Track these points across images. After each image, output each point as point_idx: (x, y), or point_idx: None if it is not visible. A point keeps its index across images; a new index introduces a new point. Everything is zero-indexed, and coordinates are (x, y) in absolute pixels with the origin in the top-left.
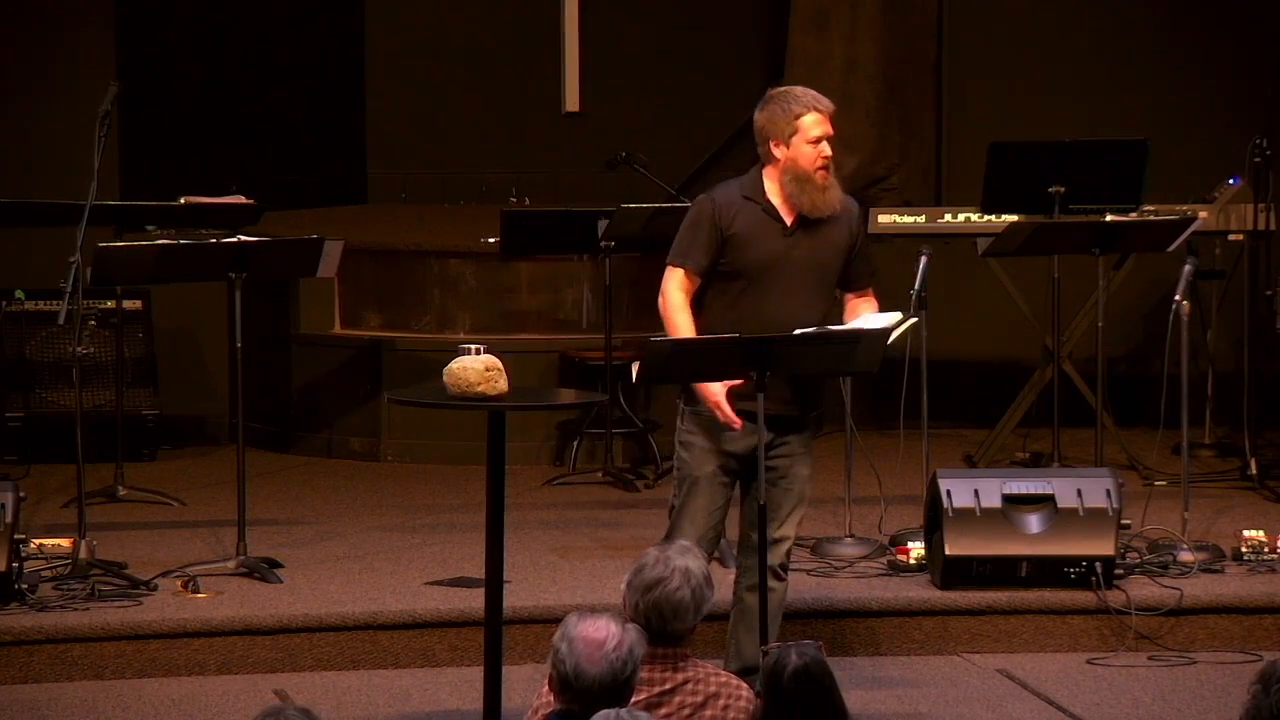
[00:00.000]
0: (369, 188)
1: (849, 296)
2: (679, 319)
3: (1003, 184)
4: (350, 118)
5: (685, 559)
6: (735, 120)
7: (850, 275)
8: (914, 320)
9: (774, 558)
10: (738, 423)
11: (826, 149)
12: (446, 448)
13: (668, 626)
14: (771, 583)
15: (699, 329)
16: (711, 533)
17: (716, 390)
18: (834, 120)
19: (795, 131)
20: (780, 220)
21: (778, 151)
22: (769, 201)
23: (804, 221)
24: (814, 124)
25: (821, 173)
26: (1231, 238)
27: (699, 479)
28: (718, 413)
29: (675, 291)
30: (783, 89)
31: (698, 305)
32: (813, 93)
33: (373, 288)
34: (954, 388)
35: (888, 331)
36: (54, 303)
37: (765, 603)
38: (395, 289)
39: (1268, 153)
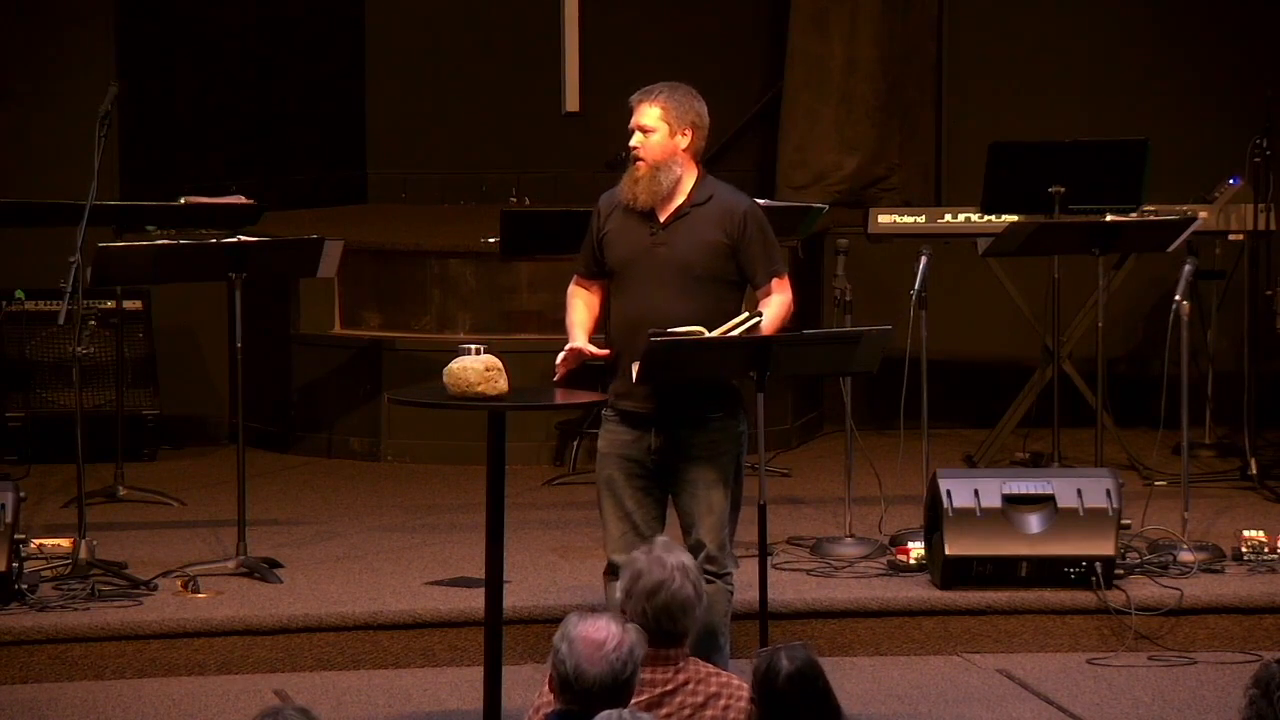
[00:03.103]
0: (369, 188)
1: (758, 294)
2: (570, 304)
3: (1003, 184)
4: (350, 118)
5: (675, 555)
6: (735, 120)
7: (746, 274)
8: (752, 320)
9: None
10: (559, 372)
11: (634, 139)
12: (446, 448)
13: (676, 626)
14: None
15: (608, 323)
16: (624, 539)
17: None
18: (676, 111)
19: None
20: (648, 217)
21: None
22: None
23: (676, 218)
24: (633, 114)
25: (638, 163)
26: (1231, 238)
27: (600, 483)
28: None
29: (571, 285)
30: None
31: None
32: (654, 84)
33: (373, 288)
34: (954, 388)
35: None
36: (54, 303)
37: (765, 603)
38: (395, 289)
39: (1268, 153)
